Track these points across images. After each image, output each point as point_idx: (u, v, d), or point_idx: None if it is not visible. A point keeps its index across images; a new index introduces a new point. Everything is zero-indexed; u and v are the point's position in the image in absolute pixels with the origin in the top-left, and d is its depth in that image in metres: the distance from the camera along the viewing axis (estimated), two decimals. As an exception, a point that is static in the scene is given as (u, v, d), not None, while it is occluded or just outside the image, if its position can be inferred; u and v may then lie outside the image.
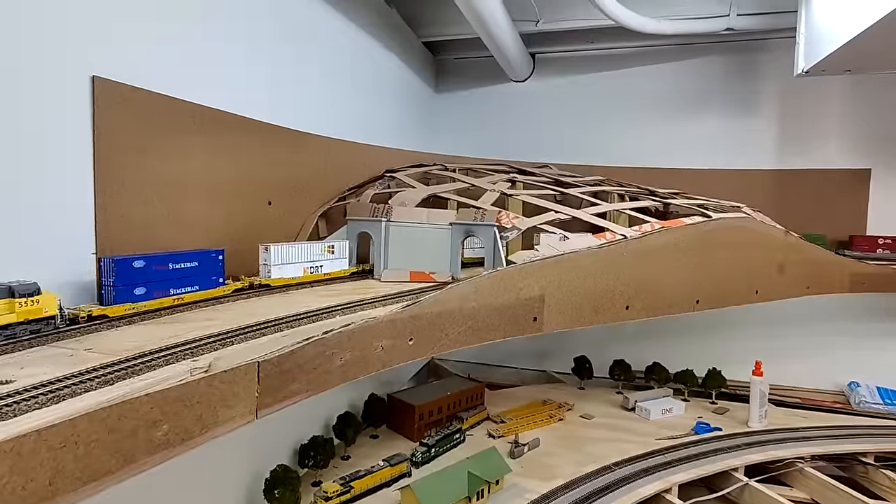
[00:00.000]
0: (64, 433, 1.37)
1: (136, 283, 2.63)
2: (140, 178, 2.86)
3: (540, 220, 3.86)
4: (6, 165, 2.34)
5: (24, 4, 2.34)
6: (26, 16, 2.35)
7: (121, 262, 2.57)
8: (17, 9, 2.32)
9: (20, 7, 2.33)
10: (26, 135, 2.41)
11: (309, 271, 3.70)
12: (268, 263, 3.42)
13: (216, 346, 2.12)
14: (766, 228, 4.69)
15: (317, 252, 3.76)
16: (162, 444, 1.63)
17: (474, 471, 4.00)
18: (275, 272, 3.44)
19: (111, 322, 2.46)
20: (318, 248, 3.78)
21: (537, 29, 6.47)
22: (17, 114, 2.36)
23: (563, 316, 3.40)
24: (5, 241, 2.35)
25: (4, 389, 1.59)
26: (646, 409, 5.57)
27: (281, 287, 3.45)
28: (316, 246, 3.76)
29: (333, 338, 2.26)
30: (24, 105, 2.39)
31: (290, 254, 3.55)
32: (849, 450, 4.85)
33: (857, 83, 6.19)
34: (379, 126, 6.03)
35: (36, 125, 2.44)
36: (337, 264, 3.90)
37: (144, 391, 1.58)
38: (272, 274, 3.43)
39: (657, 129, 7.00)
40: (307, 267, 3.69)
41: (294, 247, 3.58)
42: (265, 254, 3.42)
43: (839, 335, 6.38)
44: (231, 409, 1.85)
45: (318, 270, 3.76)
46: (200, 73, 3.33)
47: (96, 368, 1.81)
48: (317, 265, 3.75)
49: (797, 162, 6.61)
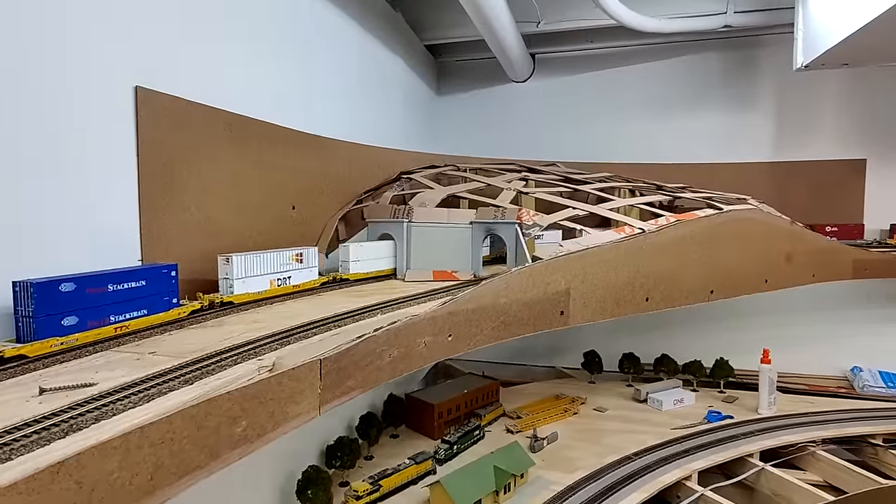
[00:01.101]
0: (162, 430, 1.43)
1: (64, 311, 2.13)
2: (179, 186, 2.91)
3: (559, 216, 3.95)
4: (55, 177, 2.38)
5: (69, 18, 2.39)
6: (70, 28, 2.40)
7: (42, 286, 2.06)
8: (62, 21, 2.37)
9: (65, 20, 2.37)
10: (72, 148, 2.45)
11: (276, 284, 3.24)
12: (230, 277, 2.94)
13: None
14: (773, 219, 4.82)
15: (284, 261, 3.31)
16: (241, 439, 1.69)
17: (500, 465, 4.08)
18: (238, 287, 2.98)
19: (29, 363, 1.94)
20: (286, 257, 3.33)
21: (538, 30, 6.57)
22: (66, 127, 2.41)
23: (588, 309, 3.49)
24: (56, 246, 2.39)
25: (92, 391, 1.64)
26: (658, 399, 5.68)
27: (246, 304, 2.98)
28: (283, 254, 3.30)
29: (382, 335, 2.33)
30: (72, 118, 2.44)
31: (255, 265, 3.10)
32: (858, 432, 4.98)
33: (851, 76, 6.36)
34: (386, 129, 6.10)
35: (83, 137, 2.48)
36: (306, 274, 3.47)
37: (226, 388, 1.64)
38: (235, 289, 2.96)
39: (657, 125, 7.13)
40: (274, 279, 3.23)
41: (259, 256, 3.13)
42: (226, 266, 2.95)
43: (841, 322, 6.55)
44: (298, 406, 1.91)
45: (286, 282, 3.31)
46: (231, 81, 3.38)
47: (166, 370, 1.86)
48: (285, 277, 3.31)
49: (794, 154, 6.77)
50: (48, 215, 2.38)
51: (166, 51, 2.91)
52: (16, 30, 2.21)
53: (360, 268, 3.79)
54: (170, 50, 2.93)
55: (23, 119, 2.26)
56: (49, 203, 2.38)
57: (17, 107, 2.23)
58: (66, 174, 2.43)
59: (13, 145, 2.22)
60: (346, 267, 3.73)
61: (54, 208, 2.39)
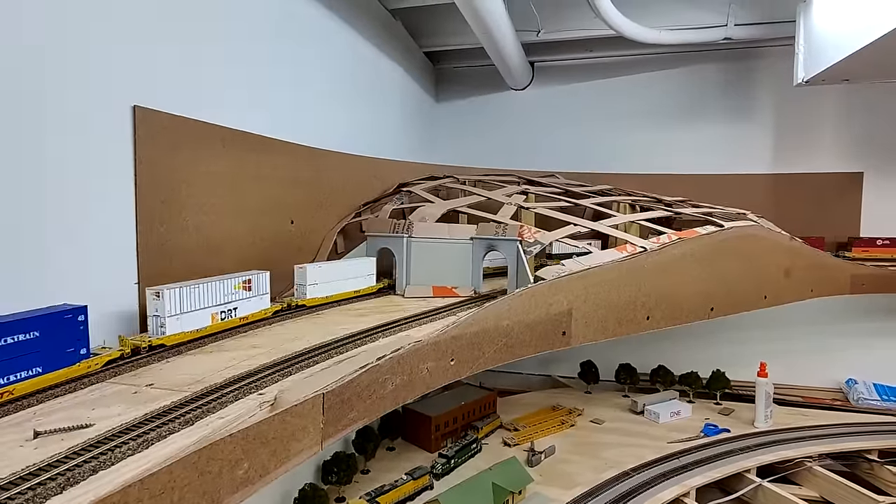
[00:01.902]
0: (163, 480, 1.38)
1: None
2: (177, 204, 2.85)
3: (561, 233, 3.93)
4: (50, 199, 2.32)
5: (68, 36, 2.33)
6: (70, 47, 2.34)
7: None
8: (62, 40, 2.31)
9: (65, 38, 2.31)
10: (71, 170, 2.39)
11: (219, 318, 2.81)
12: (160, 315, 2.48)
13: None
14: (773, 235, 4.82)
15: (229, 290, 2.86)
16: (244, 481, 1.64)
17: (498, 482, 4.05)
18: (172, 326, 2.51)
19: None
20: (231, 286, 2.87)
21: (538, 39, 6.54)
22: (62, 147, 2.35)
23: (590, 329, 3.46)
24: (51, 273, 2.33)
25: (91, 434, 1.59)
26: (654, 412, 5.67)
27: (181, 344, 2.54)
28: (227, 283, 2.84)
29: (386, 364, 2.29)
30: (69, 140, 2.38)
31: (193, 298, 2.64)
32: (854, 447, 5.00)
33: (850, 90, 6.37)
34: (385, 138, 6.05)
35: (81, 160, 2.42)
36: (256, 303, 3.02)
37: (228, 431, 1.59)
38: (167, 329, 2.50)
39: (656, 135, 7.12)
40: (217, 312, 2.80)
41: (198, 288, 2.66)
42: (157, 301, 2.48)
43: (836, 334, 6.56)
44: (300, 442, 1.87)
45: (231, 315, 2.89)
46: (225, 95, 3.32)
47: (165, 406, 1.80)
48: (230, 308, 2.88)
49: (792, 166, 6.78)
50: (43, 235, 2.31)
51: (162, 67, 2.84)
52: (13, 49, 2.15)
53: (319, 291, 3.44)
54: (166, 66, 2.86)
55: (22, 140, 2.20)
56: (44, 222, 2.32)
57: (14, 128, 2.17)
58: (62, 194, 2.36)
59: (7, 167, 2.16)
60: (303, 291, 3.37)
61: (51, 228, 2.33)
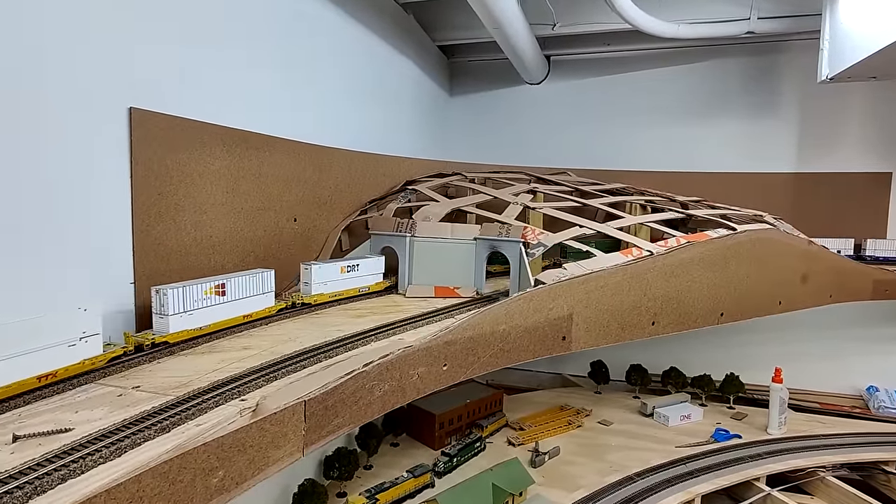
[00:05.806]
0: (130, 490, 1.39)
1: None
2: (175, 206, 2.87)
3: (566, 235, 3.86)
4: (47, 200, 2.35)
5: (66, 37, 2.35)
6: (67, 49, 2.36)
7: None
8: (60, 42, 2.32)
9: (62, 40, 2.33)
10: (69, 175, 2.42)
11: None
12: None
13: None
14: (789, 239, 4.66)
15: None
16: (218, 489, 1.65)
17: (498, 482, 4.03)
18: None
19: None
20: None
21: (554, 32, 6.42)
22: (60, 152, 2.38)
23: (591, 334, 3.40)
24: (49, 273, 2.37)
25: (67, 439, 1.61)
26: (664, 415, 5.57)
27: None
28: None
29: (373, 370, 2.28)
30: (67, 143, 2.41)
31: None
32: (870, 458, 4.85)
33: (879, 87, 6.10)
34: (398, 134, 6.03)
35: (77, 163, 2.44)
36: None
37: (202, 440, 1.60)
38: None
39: (675, 131, 6.95)
40: None
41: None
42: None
43: (858, 339, 6.36)
44: (280, 450, 1.87)
45: None
46: (225, 94, 3.32)
47: (147, 410, 1.82)
48: None
49: (817, 165, 6.54)
50: (41, 235, 2.35)
51: (160, 67, 2.85)
52: (10, 51, 2.18)
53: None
54: (164, 65, 2.87)
55: (19, 143, 2.23)
56: (42, 223, 2.35)
57: (12, 130, 2.20)
58: (58, 196, 2.39)
59: (5, 168, 2.19)
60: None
61: (48, 231, 2.36)
